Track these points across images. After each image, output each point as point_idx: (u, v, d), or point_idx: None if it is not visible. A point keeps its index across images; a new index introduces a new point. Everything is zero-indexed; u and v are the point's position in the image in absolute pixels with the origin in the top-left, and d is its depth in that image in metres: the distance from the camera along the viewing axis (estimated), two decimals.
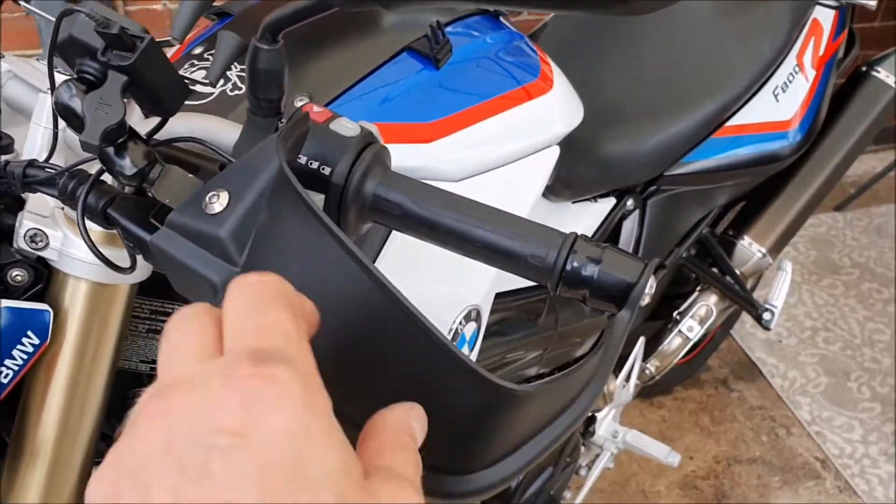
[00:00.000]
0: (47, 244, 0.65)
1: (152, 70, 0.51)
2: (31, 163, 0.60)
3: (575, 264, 0.53)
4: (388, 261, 0.78)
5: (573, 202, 1.24)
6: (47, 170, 0.60)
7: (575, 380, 0.50)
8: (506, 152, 0.87)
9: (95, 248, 0.56)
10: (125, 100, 0.50)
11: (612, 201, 1.29)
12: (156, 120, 0.58)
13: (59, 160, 0.65)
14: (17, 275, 0.65)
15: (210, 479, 0.26)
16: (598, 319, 1.37)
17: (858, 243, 2.61)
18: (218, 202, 0.49)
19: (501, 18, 0.97)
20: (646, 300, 0.54)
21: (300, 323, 0.33)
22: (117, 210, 0.56)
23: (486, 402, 0.43)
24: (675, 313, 1.58)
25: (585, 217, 1.26)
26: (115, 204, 0.57)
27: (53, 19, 0.53)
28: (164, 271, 0.53)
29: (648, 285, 0.53)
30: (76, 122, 0.52)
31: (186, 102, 0.57)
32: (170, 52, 0.83)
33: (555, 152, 0.92)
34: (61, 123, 0.60)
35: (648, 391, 2.03)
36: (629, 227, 1.36)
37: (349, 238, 0.46)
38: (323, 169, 0.56)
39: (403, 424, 0.38)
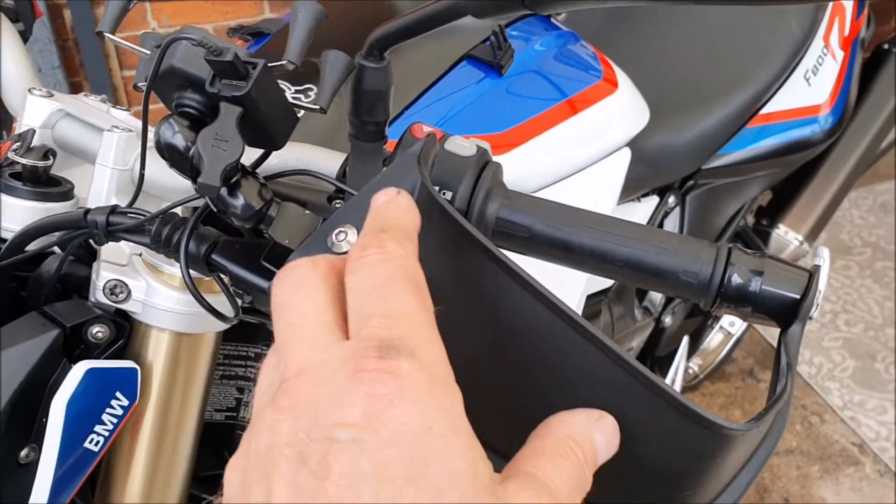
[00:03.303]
0: (129, 295, 0.59)
1: (265, 98, 0.46)
2: (114, 209, 0.54)
3: (735, 278, 0.49)
4: None
5: (618, 205, 1.20)
6: (131, 216, 0.54)
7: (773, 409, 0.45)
8: (580, 157, 0.83)
9: (203, 299, 0.51)
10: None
11: (654, 200, 1.25)
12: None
13: (120, 201, 0.60)
14: (98, 331, 0.59)
15: (327, 474, 0.25)
16: (646, 322, 1.34)
17: (866, 222, 2.60)
18: (346, 239, 0.44)
19: (552, 19, 0.93)
20: (815, 313, 0.50)
21: (427, 305, 0.32)
22: (222, 255, 0.51)
23: (701, 445, 0.39)
24: None
25: (632, 219, 1.22)
26: (217, 249, 0.52)
27: (147, 52, 0.48)
28: None
29: (819, 295, 0.49)
30: (181, 160, 0.47)
31: None
32: None
33: (626, 154, 0.88)
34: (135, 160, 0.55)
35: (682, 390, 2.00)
36: (670, 225, 1.32)
37: (512, 261, 0.41)
38: (444, 194, 0.52)
39: (579, 432, 0.35)
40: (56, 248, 0.60)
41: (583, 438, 0.34)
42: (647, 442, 0.39)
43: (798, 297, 0.48)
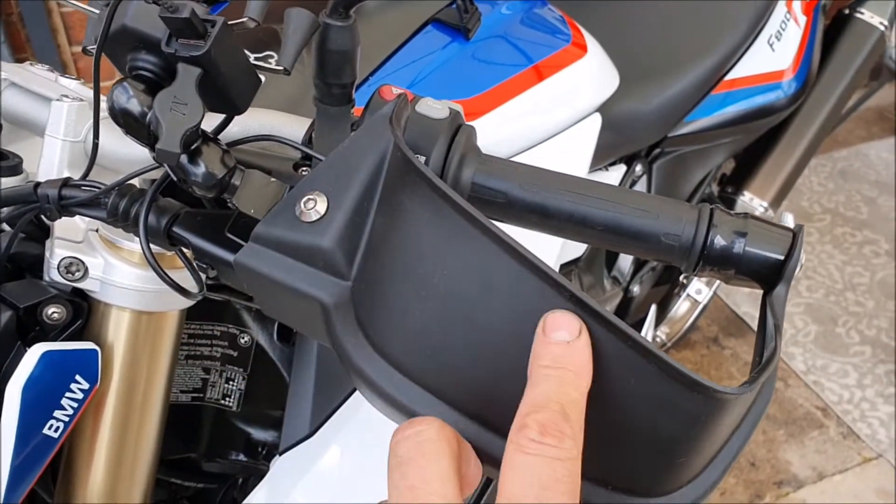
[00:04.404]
0: (85, 273, 0.56)
1: (226, 59, 0.43)
2: (67, 182, 0.51)
3: (718, 240, 0.47)
4: None
5: (588, 173, 1.18)
6: (85, 189, 0.51)
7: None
8: (550, 123, 0.81)
9: (166, 274, 0.48)
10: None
11: (622, 168, 1.24)
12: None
13: (73, 175, 0.57)
14: (54, 312, 0.56)
15: None
16: (614, 292, 1.33)
17: (826, 189, 2.62)
18: (315, 208, 0.42)
19: None
20: (798, 272, 0.49)
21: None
22: (184, 227, 0.48)
23: (693, 410, 0.37)
24: (681, 277, 1.54)
25: None
26: (178, 221, 0.49)
27: (97, 12, 0.45)
28: (252, 293, 0.46)
29: (802, 255, 0.48)
30: (137, 127, 0.44)
31: None
32: None
33: (597, 120, 0.86)
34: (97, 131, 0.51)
35: None
36: None
37: (494, 224, 0.39)
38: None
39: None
40: (5, 225, 0.57)
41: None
42: (638, 409, 0.37)
43: (782, 257, 0.47)
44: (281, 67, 0.47)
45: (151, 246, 0.49)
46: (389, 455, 0.32)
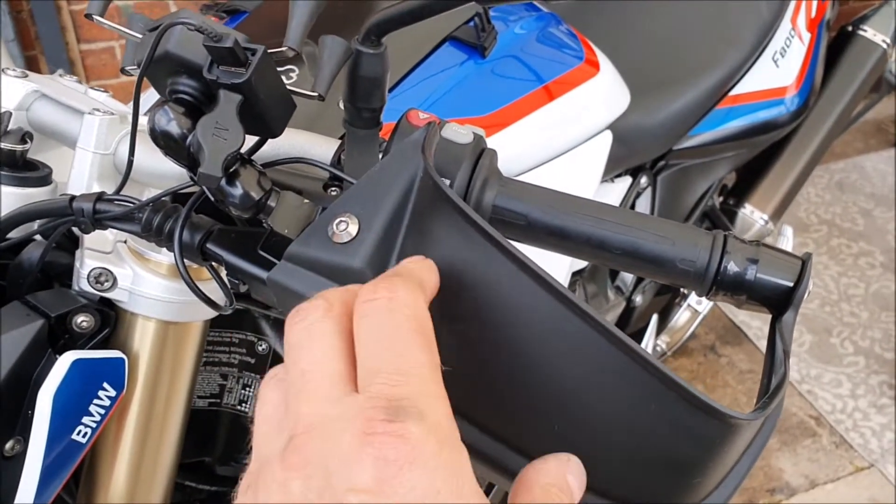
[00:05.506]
0: (114, 284, 0.58)
1: (265, 86, 0.45)
2: (101, 196, 0.53)
3: (731, 267, 0.49)
4: None
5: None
6: (119, 203, 0.53)
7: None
8: (563, 140, 0.83)
9: (199, 289, 0.50)
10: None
11: (627, 180, 1.26)
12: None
13: (102, 186, 0.59)
14: (83, 321, 0.57)
15: None
16: (617, 302, 1.35)
17: (822, 200, 2.65)
18: (347, 229, 0.44)
19: (535, 1, 0.92)
20: (806, 299, 0.51)
21: (434, 360, 0.32)
22: (217, 244, 0.50)
23: (710, 434, 0.39)
24: (682, 288, 1.56)
25: (607, 200, 1.23)
26: (212, 238, 0.51)
27: (139, 36, 0.46)
28: (283, 308, 0.48)
29: (810, 282, 0.50)
30: (177, 148, 0.45)
31: None
32: None
33: (608, 137, 0.88)
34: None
35: None
36: (643, 206, 1.33)
37: (520, 252, 0.41)
38: None
39: (556, 478, 0.35)
40: (38, 237, 0.58)
41: (562, 483, 0.35)
42: (658, 433, 0.39)
43: (791, 284, 0.49)
44: (315, 93, 0.48)
45: (162, 257, 0.51)
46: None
